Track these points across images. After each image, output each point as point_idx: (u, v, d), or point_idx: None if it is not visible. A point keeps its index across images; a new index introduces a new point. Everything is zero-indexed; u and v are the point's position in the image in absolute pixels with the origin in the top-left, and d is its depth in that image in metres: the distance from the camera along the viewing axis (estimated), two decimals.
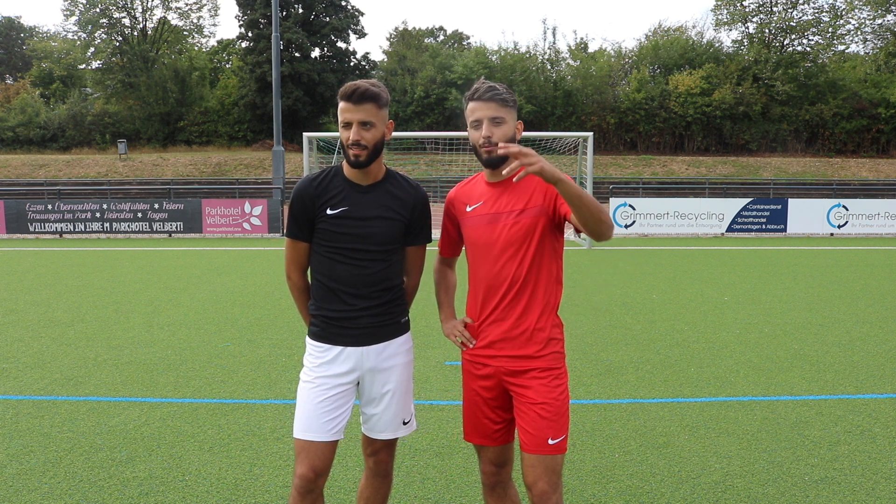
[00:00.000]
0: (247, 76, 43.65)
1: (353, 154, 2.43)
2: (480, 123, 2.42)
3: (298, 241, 2.56)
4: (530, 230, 2.43)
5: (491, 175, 2.53)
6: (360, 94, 2.39)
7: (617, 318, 7.62)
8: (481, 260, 2.50)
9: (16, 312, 8.05)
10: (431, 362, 5.76)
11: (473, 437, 2.60)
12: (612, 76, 42.28)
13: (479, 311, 2.54)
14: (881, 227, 18.40)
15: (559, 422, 2.43)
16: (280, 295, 8.97)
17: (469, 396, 2.59)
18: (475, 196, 2.56)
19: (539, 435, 2.39)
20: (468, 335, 2.58)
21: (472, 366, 2.57)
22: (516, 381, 2.46)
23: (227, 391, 5.11)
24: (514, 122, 2.47)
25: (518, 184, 2.47)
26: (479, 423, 2.56)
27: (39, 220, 18.18)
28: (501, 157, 2.42)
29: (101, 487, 3.55)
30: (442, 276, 2.77)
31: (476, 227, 2.52)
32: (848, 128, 39.05)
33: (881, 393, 5.03)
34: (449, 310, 2.72)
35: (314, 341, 2.58)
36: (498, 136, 2.40)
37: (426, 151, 30.19)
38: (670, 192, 28.25)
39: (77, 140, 43.29)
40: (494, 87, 2.42)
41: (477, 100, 2.42)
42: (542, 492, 2.37)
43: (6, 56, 58.93)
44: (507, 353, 2.47)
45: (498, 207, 2.48)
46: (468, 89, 2.52)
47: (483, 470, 2.62)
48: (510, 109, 2.44)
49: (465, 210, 2.57)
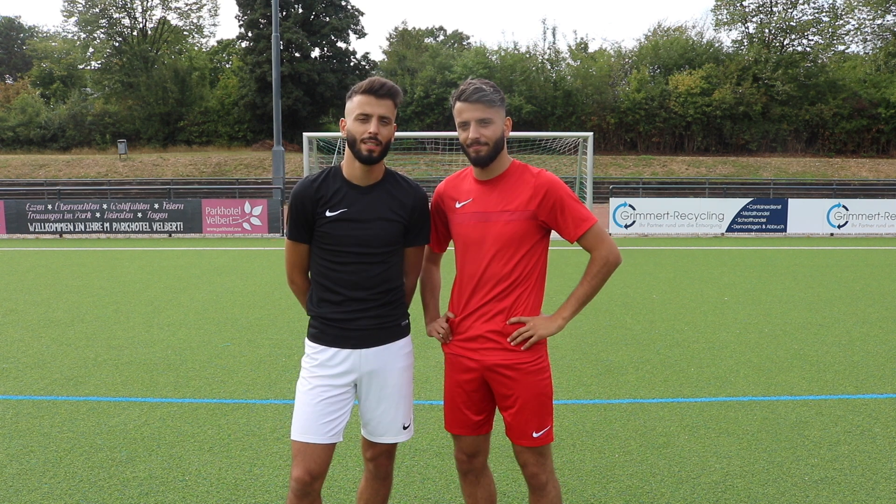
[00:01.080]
0: (247, 76, 43.65)
1: (367, 149, 2.38)
2: (468, 124, 2.44)
3: (299, 243, 2.54)
4: (519, 231, 2.47)
5: (480, 173, 2.55)
6: (386, 90, 2.38)
7: (617, 318, 7.62)
8: (469, 257, 2.53)
9: (16, 312, 8.05)
10: (431, 362, 5.76)
11: (453, 427, 2.66)
12: (612, 76, 42.28)
13: (462, 306, 2.57)
14: (881, 227, 18.39)
15: (542, 414, 2.53)
16: (280, 295, 8.97)
17: (451, 388, 2.64)
18: (464, 192, 2.58)
19: (523, 428, 2.52)
20: (449, 330, 2.62)
21: (455, 359, 2.60)
22: (499, 376, 2.51)
23: (227, 391, 5.11)
24: (502, 121, 2.50)
25: (507, 183, 2.52)
26: (460, 414, 2.62)
27: (39, 220, 18.18)
28: (490, 156, 2.46)
29: (101, 487, 3.55)
30: (428, 276, 2.79)
31: (464, 225, 2.54)
32: (848, 128, 39.04)
33: (881, 393, 5.03)
34: (434, 312, 2.75)
35: (312, 343, 2.56)
36: (487, 136, 2.43)
37: (426, 151, 30.19)
38: (670, 192, 28.24)
39: (77, 140, 43.28)
40: (481, 87, 2.44)
41: (464, 101, 2.45)
42: (532, 473, 2.57)
43: (6, 56, 58.92)
44: (490, 346, 2.51)
45: (487, 206, 2.50)
46: None
47: (456, 457, 2.72)
48: (497, 109, 2.46)
49: (454, 206, 2.58)
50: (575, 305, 2.52)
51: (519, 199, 2.47)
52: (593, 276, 2.50)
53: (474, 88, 2.43)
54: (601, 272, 2.50)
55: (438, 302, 2.78)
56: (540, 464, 2.56)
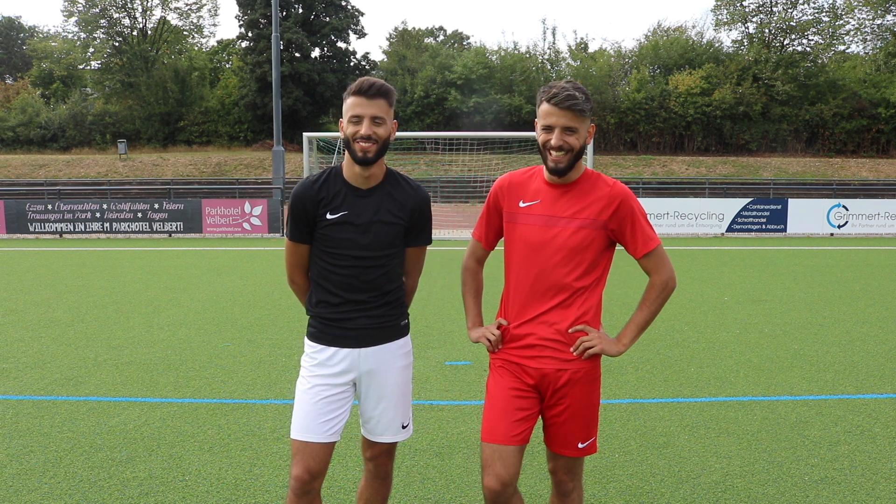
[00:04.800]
0: (247, 76, 43.64)
1: (360, 149, 2.37)
2: (552, 129, 2.32)
3: (299, 244, 2.53)
4: (587, 239, 2.37)
5: (551, 175, 2.42)
6: (376, 89, 2.36)
7: (617, 318, 7.61)
8: (530, 260, 2.41)
9: (16, 312, 8.05)
10: (431, 362, 5.75)
11: (493, 437, 2.40)
12: (612, 76, 42.25)
13: (518, 312, 2.46)
14: (881, 227, 18.40)
15: (590, 424, 2.49)
16: (280, 295, 8.97)
17: (501, 396, 2.45)
18: (531, 192, 2.46)
19: (570, 438, 2.46)
20: (500, 338, 2.50)
21: (510, 366, 2.47)
22: (556, 384, 2.42)
23: (227, 391, 5.11)
24: (587, 129, 2.37)
25: (580, 190, 2.41)
26: (506, 423, 2.41)
27: (39, 220, 18.18)
28: (567, 167, 2.35)
29: (101, 487, 3.55)
30: (472, 277, 2.65)
31: (529, 226, 2.42)
32: (848, 128, 39.03)
33: (881, 393, 5.03)
34: (477, 317, 2.64)
35: (311, 342, 2.57)
36: (570, 144, 2.32)
37: (426, 151, 30.15)
38: (670, 192, 28.23)
39: (77, 140, 43.27)
40: (574, 95, 2.28)
41: (554, 105, 2.30)
42: (561, 481, 2.53)
43: (6, 56, 58.91)
44: (548, 354, 2.41)
45: (556, 210, 2.39)
46: (469, 89, 2.45)
47: (486, 486, 2.37)
48: (585, 119, 2.34)
49: (519, 205, 2.46)
50: (635, 332, 2.47)
51: (592, 208, 2.37)
52: (652, 302, 2.46)
53: (567, 95, 2.28)
54: (660, 297, 2.45)
55: (481, 306, 2.68)
56: (572, 472, 2.50)
